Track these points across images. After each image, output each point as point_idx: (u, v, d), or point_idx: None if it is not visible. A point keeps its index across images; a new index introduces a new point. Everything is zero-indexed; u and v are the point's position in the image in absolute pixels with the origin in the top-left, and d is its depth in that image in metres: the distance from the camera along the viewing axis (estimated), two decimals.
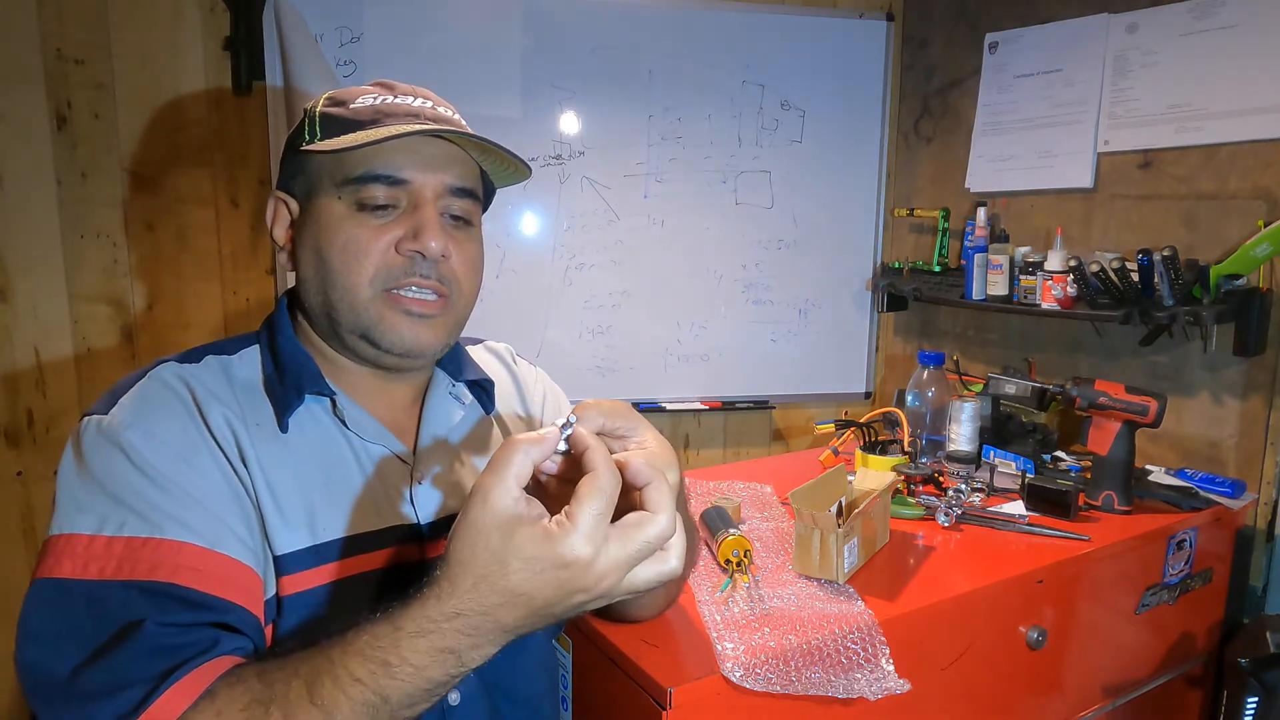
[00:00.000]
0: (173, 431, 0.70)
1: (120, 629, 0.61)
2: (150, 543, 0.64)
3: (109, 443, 0.68)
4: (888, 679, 0.95)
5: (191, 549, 0.65)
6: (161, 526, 0.65)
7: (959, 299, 1.96)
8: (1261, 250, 1.48)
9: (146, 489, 0.67)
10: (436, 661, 0.56)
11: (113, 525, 0.65)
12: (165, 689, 0.58)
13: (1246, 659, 1.26)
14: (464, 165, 0.80)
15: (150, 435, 0.69)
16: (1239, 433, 1.61)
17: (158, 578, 0.63)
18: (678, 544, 0.58)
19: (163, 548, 0.64)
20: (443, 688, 0.58)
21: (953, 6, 2.11)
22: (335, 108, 0.79)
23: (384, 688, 0.56)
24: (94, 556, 0.64)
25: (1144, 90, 1.72)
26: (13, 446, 1.76)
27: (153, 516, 0.65)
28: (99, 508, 0.66)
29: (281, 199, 0.81)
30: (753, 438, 2.33)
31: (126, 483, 0.67)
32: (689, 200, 2.12)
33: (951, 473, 1.54)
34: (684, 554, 0.59)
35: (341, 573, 0.73)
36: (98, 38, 1.73)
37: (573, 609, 0.56)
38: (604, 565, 0.54)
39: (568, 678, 1.05)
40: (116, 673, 0.59)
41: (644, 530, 0.56)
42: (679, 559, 0.58)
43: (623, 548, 0.55)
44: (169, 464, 0.68)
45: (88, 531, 0.65)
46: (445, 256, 0.77)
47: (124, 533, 0.64)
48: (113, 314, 1.81)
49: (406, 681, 0.56)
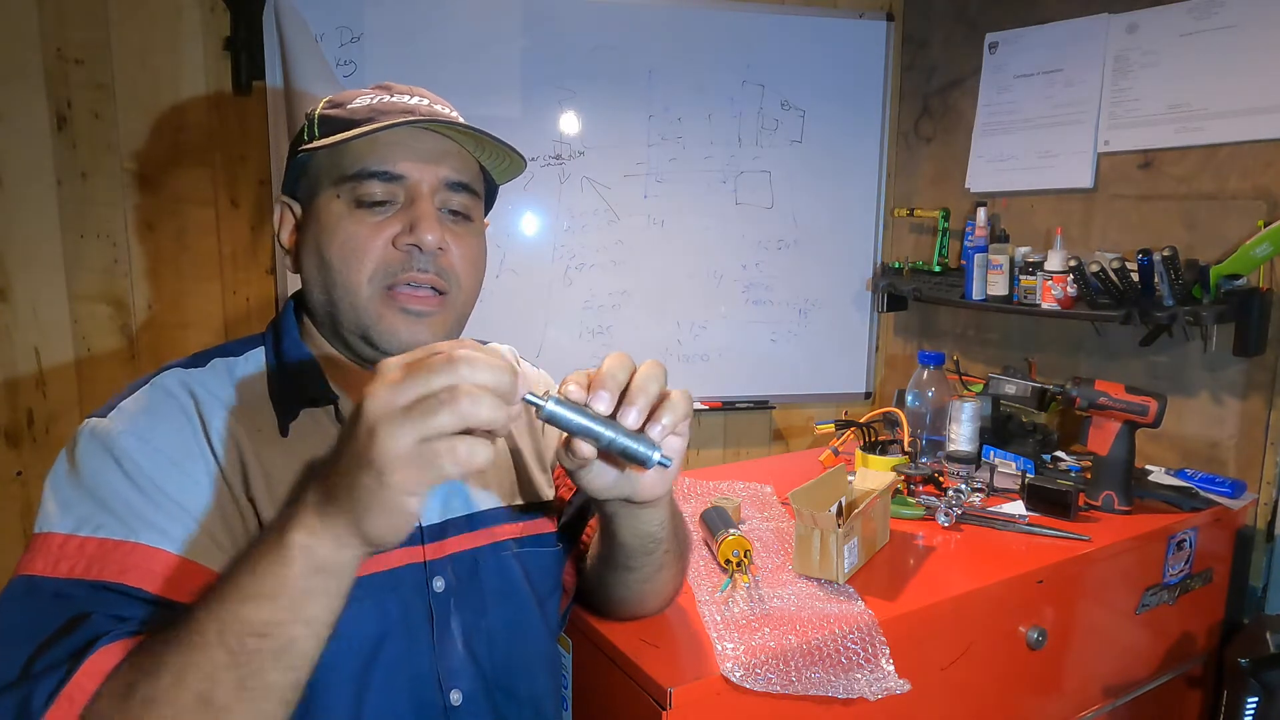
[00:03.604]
0: (167, 437, 0.71)
1: (68, 620, 0.61)
2: (123, 546, 0.65)
3: (101, 446, 0.69)
4: (888, 679, 0.95)
5: (164, 555, 0.66)
6: (137, 531, 0.66)
7: (959, 299, 1.96)
8: (1261, 250, 1.48)
9: (130, 494, 0.67)
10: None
11: (90, 526, 0.65)
12: (78, 668, 0.58)
13: (1246, 659, 1.26)
14: (460, 159, 0.80)
15: (143, 441, 0.69)
16: (1239, 433, 1.61)
17: (125, 581, 0.64)
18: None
19: (135, 552, 0.65)
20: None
21: (953, 6, 2.11)
22: (333, 109, 0.80)
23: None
24: (66, 555, 0.64)
25: (1144, 90, 1.72)
26: (13, 447, 1.76)
27: (131, 521, 0.66)
28: (80, 508, 0.66)
29: (286, 203, 0.82)
30: (753, 438, 2.33)
31: (111, 486, 0.67)
32: (689, 200, 2.12)
33: (951, 473, 1.54)
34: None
35: None
36: (98, 38, 1.73)
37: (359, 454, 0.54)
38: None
39: (568, 678, 1.05)
40: (51, 658, 0.60)
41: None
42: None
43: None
44: (158, 470, 0.69)
45: (65, 531, 0.65)
46: (442, 249, 0.77)
47: (99, 534, 0.65)
48: (113, 314, 1.81)
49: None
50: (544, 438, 0.97)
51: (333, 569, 0.57)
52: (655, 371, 0.64)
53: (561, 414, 0.60)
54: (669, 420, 0.64)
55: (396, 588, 0.76)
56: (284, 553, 0.56)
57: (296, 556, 0.56)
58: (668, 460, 0.63)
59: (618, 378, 0.63)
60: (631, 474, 0.70)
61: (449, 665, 0.78)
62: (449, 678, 0.78)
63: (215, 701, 0.56)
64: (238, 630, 0.56)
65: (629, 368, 0.64)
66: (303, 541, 0.56)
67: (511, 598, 0.84)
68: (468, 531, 0.83)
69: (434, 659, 0.77)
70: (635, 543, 0.80)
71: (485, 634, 0.81)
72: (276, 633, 0.56)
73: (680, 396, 0.65)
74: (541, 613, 0.87)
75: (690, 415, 0.66)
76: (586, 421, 0.60)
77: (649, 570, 0.86)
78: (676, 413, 0.64)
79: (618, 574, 0.87)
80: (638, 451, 0.62)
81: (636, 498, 0.71)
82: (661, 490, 0.72)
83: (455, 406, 0.52)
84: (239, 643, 0.56)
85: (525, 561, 0.86)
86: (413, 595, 0.77)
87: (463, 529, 0.82)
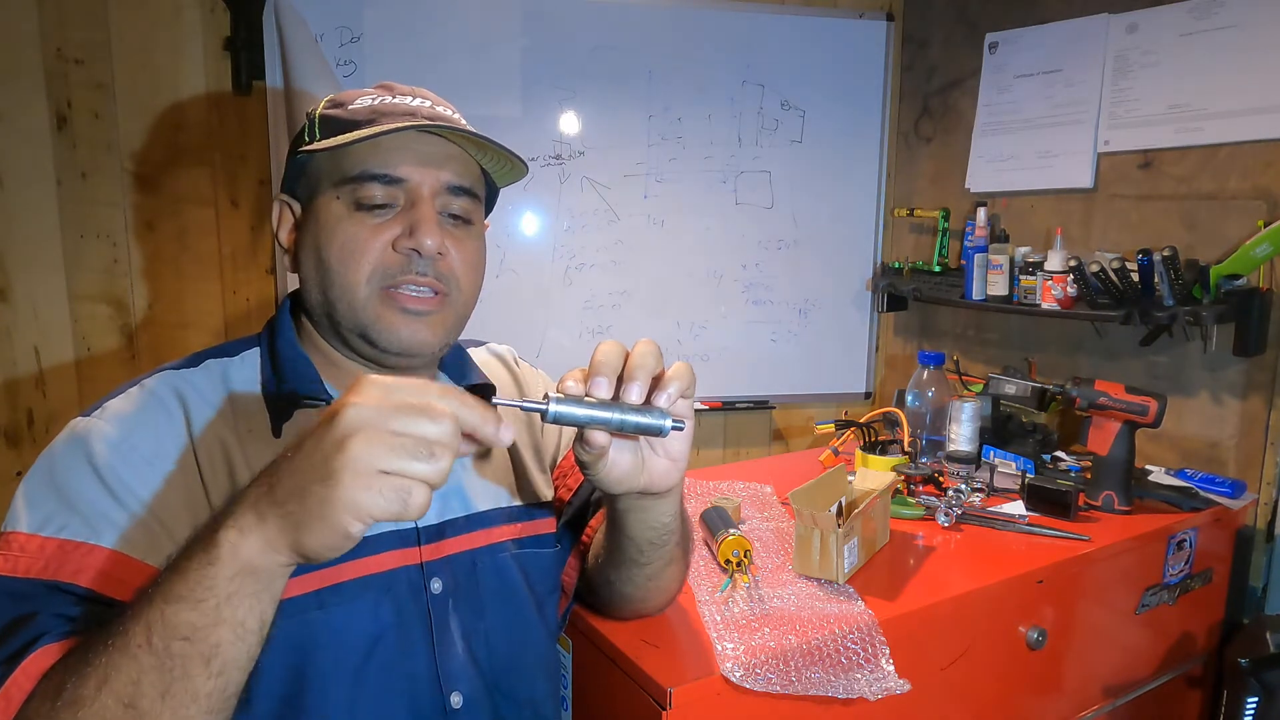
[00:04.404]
0: (147, 440, 0.70)
1: (15, 619, 0.61)
2: (83, 548, 0.65)
3: (78, 446, 0.69)
4: (888, 679, 0.95)
5: (124, 559, 0.65)
6: (101, 533, 0.65)
7: (959, 299, 1.96)
8: (1261, 250, 1.48)
9: (99, 495, 0.67)
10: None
11: (54, 526, 0.65)
12: (16, 667, 0.58)
13: (1246, 659, 1.26)
14: (462, 163, 0.80)
15: (121, 443, 0.69)
16: (1239, 433, 1.61)
17: (79, 582, 0.63)
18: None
19: (94, 554, 0.64)
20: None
21: (953, 6, 2.11)
22: (334, 109, 0.79)
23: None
24: (27, 554, 0.64)
25: (1144, 90, 1.72)
26: (13, 447, 1.76)
27: (96, 523, 0.66)
28: (47, 507, 0.66)
29: (285, 202, 0.82)
30: (753, 438, 2.33)
31: (81, 487, 0.67)
32: (689, 200, 2.12)
33: (951, 473, 1.54)
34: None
35: (338, 576, 0.73)
36: (98, 38, 1.73)
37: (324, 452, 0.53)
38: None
39: (568, 678, 1.05)
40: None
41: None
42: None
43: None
44: (132, 472, 0.68)
45: (28, 530, 0.65)
46: (442, 254, 0.77)
47: (62, 535, 0.65)
48: (113, 314, 1.81)
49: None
50: (543, 438, 0.97)
51: (259, 572, 0.55)
52: (650, 349, 0.65)
53: (566, 411, 0.60)
54: (674, 388, 0.64)
55: (391, 589, 0.76)
56: (212, 551, 0.54)
57: (224, 555, 0.54)
58: (681, 424, 0.63)
59: (612, 362, 0.63)
60: (646, 463, 0.70)
61: (449, 667, 0.78)
62: (449, 680, 0.78)
63: (139, 706, 0.54)
64: (164, 633, 0.54)
65: (622, 352, 0.64)
66: (231, 540, 0.54)
67: (510, 599, 0.84)
68: (466, 533, 0.82)
69: (433, 661, 0.77)
70: (647, 536, 0.80)
71: (484, 636, 0.81)
72: (202, 636, 0.54)
73: (680, 365, 0.66)
74: (540, 614, 0.87)
75: (694, 381, 0.66)
76: (592, 410, 0.60)
77: (658, 565, 0.85)
78: (682, 379, 0.64)
79: (626, 570, 0.87)
80: (649, 424, 0.61)
81: (652, 488, 0.71)
82: (675, 478, 0.72)
83: (436, 462, 0.52)
84: (165, 646, 0.54)
85: (524, 563, 0.86)
86: (409, 597, 0.77)
87: (461, 530, 0.82)
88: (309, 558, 0.54)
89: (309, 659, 0.71)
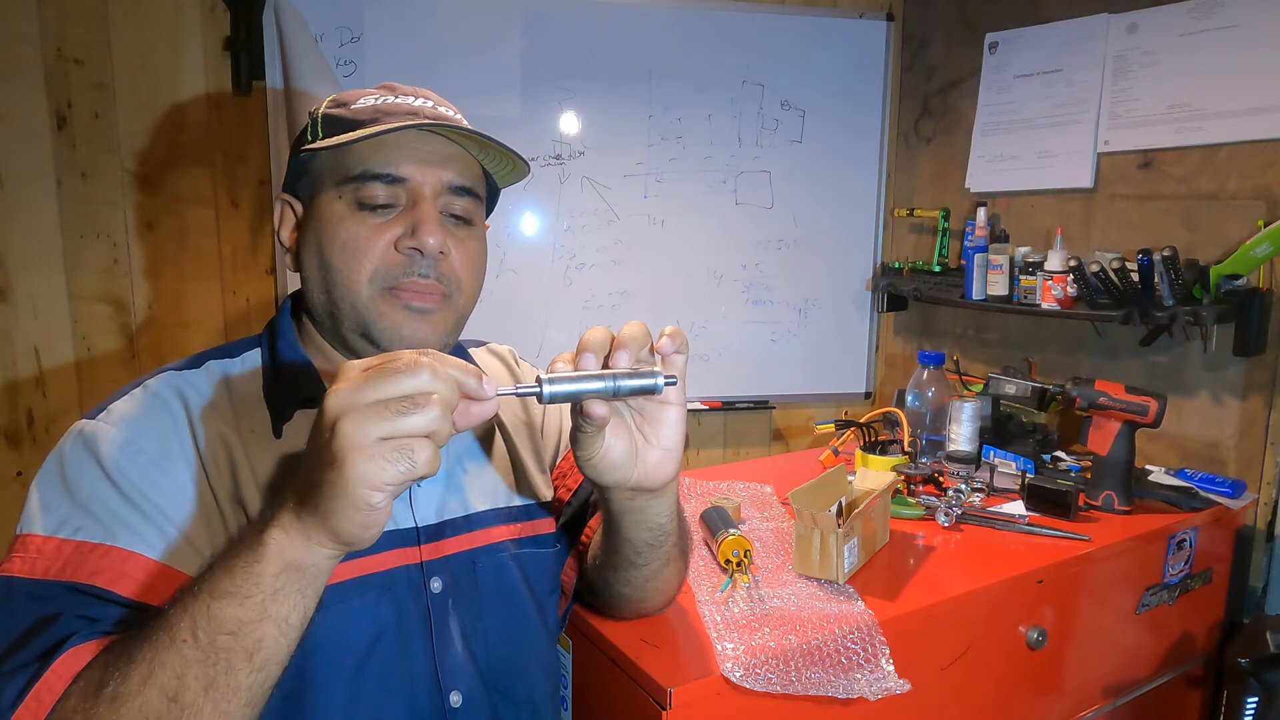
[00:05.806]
0: (152, 441, 0.71)
1: (38, 620, 0.62)
2: (99, 549, 0.65)
3: (86, 448, 0.70)
4: (888, 679, 0.95)
5: (139, 559, 0.66)
6: (115, 534, 0.66)
7: (959, 299, 1.96)
8: (1261, 250, 1.48)
9: (111, 497, 0.68)
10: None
11: (69, 528, 0.66)
12: (47, 668, 0.59)
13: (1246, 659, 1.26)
14: (463, 163, 0.80)
15: (128, 445, 0.70)
16: (1239, 433, 1.61)
17: (97, 583, 0.64)
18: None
19: (110, 555, 0.65)
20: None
21: (953, 6, 2.11)
22: (337, 109, 0.79)
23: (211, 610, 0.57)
24: (43, 556, 0.65)
25: (1144, 90, 1.72)
26: (13, 447, 1.76)
27: (110, 524, 0.67)
28: (61, 510, 0.67)
29: (287, 201, 0.82)
30: (753, 438, 2.33)
31: (93, 489, 0.68)
32: (689, 200, 2.12)
33: (951, 473, 1.54)
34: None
35: (338, 576, 0.73)
36: (98, 38, 1.73)
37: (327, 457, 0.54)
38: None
39: (568, 678, 1.05)
40: (21, 658, 0.60)
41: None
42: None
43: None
44: (141, 474, 0.69)
45: (44, 532, 0.66)
46: (444, 254, 0.77)
47: (78, 536, 0.66)
48: (113, 314, 1.81)
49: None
50: (542, 439, 0.97)
51: (304, 568, 0.57)
52: (638, 326, 0.65)
53: (560, 388, 0.61)
54: (666, 342, 0.65)
55: (391, 588, 0.76)
56: (259, 550, 0.57)
57: (270, 554, 0.56)
58: (674, 379, 0.64)
59: (600, 340, 0.64)
60: (640, 454, 0.70)
61: (448, 667, 0.78)
62: (448, 679, 0.78)
63: (182, 700, 0.56)
64: (210, 628, 0.56)
65: (609, 334, 0.65)
66: (277, 539, 0.57)
67: (509, 599, 0.84)
68: (465, 533, 0.83)
69: (432, 660, 0.77)
70: (643, 537, 0.80)
71: (483, 636, 0.81)
72: (247, 631, 0.56)
73: (668, 327, 0.66)
74: (540, 615, 0.87)
75: (686, 341, 0.67)
76: (584, 383, 0.61)
77: (655, 566, 0.85)
78: (675, 339, 0.65)
79: (623, 572, 0.87)
80: (643, 384, 0.62)
81: (646, 482, 0.71)
82: (669, 471, 0.72)
83: (425, 412, 0.53)
84: (210, 640, 0.56)
85: (523, 563, 0.86)
86: (408, 596, 0.77)
87: (460, 530, 0.82)
88: (348, 543, 0.56)
89: (309, 658, 0.71)
